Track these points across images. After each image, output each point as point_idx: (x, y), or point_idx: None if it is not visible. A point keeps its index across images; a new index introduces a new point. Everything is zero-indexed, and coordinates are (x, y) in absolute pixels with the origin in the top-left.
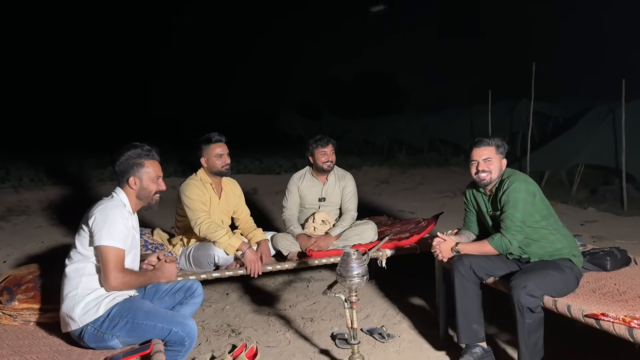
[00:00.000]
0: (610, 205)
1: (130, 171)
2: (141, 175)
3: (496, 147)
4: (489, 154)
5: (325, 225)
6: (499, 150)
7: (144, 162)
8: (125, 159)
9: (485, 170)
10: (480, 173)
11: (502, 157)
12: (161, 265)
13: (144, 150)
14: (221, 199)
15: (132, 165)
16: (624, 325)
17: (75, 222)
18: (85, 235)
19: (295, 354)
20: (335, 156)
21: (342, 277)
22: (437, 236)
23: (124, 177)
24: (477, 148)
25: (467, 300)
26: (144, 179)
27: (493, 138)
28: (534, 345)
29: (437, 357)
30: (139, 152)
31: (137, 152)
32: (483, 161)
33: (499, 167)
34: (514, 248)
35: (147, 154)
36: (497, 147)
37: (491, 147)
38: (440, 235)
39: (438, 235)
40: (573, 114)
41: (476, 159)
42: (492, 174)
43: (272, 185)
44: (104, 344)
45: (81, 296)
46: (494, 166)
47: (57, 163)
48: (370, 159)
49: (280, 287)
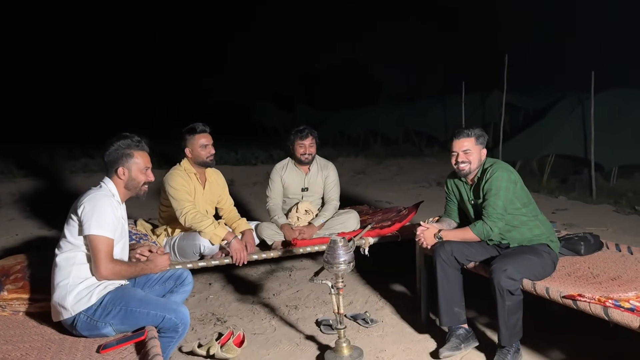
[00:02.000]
0: (580, 193)
1: (120, 161)
2: (130, 166)
3: (476, 137)
4: (469, 145)
5: (308, 215)
6: (479, 141)
7: (134, 152)
8: (114, 149)
9: (464, 161)
10: (460, 164)
11: (482, 148)
12: (154, 257)
13: (133, 141)
14: (205, 189)
15: (122, 156)
16: (599, 305)
17: (50, 214)
18: (74, 224)
19: (282, 340)
20: (316, 148)
21: (329, 264)
22: (420, 224)
23: (113, 167)
24: (457, 139)
25: (449, 285)
26: (132, 169)
27: (473, 129)
28: (514, 326)
29: (420, 340)
30: (128, 143)
31: (127, 143)
32: (463, 152)
33: (478, 158)
34: (495, 235)
35: (136, 145)
36: (476, 138)
37: (471, 138)
38: (423, 223)
39: (421, 224)
40: (543, 105)
41: (456, 150)
42: (471, 164)
43: (249, 176)
44: (97, 332)
45: (73, 285)
46: (473, 157)
47: (26, 154)
48: (346, 150)
49: (263, 276)
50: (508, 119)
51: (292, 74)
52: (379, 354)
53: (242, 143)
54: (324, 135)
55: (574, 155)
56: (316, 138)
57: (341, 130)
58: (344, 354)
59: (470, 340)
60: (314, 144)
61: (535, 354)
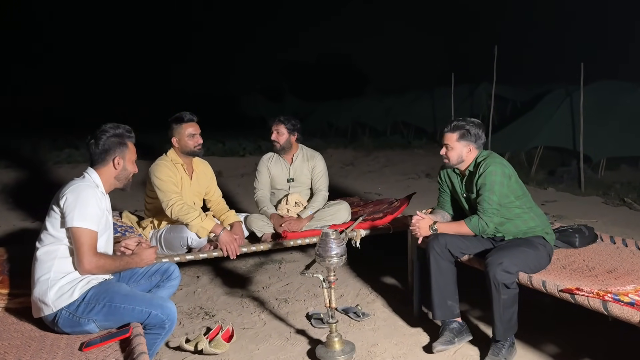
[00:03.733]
0: (568, 185)
1: (116, 151)
2: (124, 156)
3: (459, 135)
4: (449, 141)
5: (298, 207)
6: (464, 139)
7: (127, 142)
8: (109, 138)
9: (444, 156)
10: (443, 157)
11: (469, 144)
12: (140, 250)
13: (126, 131)
14: (192, 180)
15: (118, 145)
16: (598, 299)
17: (33, 205)
18: (56, 216)
19: (272, 334)
20: (291, 136)
21: (320, 257)
22: (415, 215)
23: (107, 156)
24: (444, 132)
25: (442, 278)
26: (127, 159)
27: (462, 123)
28: (509, 320)
29: (412, 333)
30: (121, 132)
31: (120, 132)
32: (444, 147)
33: (458, 155)
34: (490, 229)
35: (128, 135)
36: (460, 136)
37: (453, 134)
38: (419, 213)
39: (417, 213)
40: (531, 97)
41: (443, 142)
42: (450, 160)
43: (237, 167)
44: (79, 329)
45: (54, 280)
46: (452, 153)
47: (8, 145)
48: (334, 142)
49: (252, 269)
50: (496, 111)
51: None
52: (371, 348)
53: (228, 134)
54: (312, 126)
55: (563, 147)
56: (288, 127)
57: (329, 122)
58: (336, 348)
59: (464, 334)
60: (285, 132)
61: (530, 347)
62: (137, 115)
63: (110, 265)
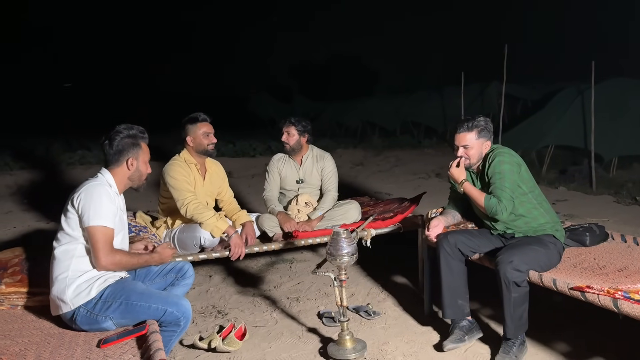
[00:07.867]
0: (580, 184)
1: (130, 151)
2: (138, 157)
3: (477, 131)
4: (468, 141)
5: (308, 207)
6: (481, 135)
7: (141, 143)
8: (122, 139)
9: (464, 157)
10: (460, 159)
11: (486, 140)
12: (162, 249)
13: (139, 132)
14: (205, 180)
15: (131, 146)
16: (609, 296)
17: (47, 206)
18: (71, 216)
19: (284, 332)
20: (301, 137)
21: (332, 256)
22: (432, 219)
23: (121, 157)
24: (457, 134)
25: (453, 277)
26: (140, 160)
27: (475, 120)
28: (519, 318)
29: (423, 332)
30: (135, 133)
31: (134, 133)
32: (463, 147)
33: (478, 152)
34: (505, 217)
35: (142, 136)
36: (478, 132)
37: (471, 132)
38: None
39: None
40: (542, 96)
41: (456, 144)
42: (470, 159)
43: (247, 168)
44: (97, 326)
45: (72, 278)
46: (472, 152)
47: (22, 146)
48: (343, 142)
49: (263, 269)
50: (507, 110)
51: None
52: (382, 347)
53: (238, 134)
54: (322, 126)
55: (574, 145)
56: (299, 129)
57: (339, 122)
58: (347, 346)
59: (474, 331)
60: (296, 133)
61: (541, 346)
62: (147, 116)
63: (127, 262)
